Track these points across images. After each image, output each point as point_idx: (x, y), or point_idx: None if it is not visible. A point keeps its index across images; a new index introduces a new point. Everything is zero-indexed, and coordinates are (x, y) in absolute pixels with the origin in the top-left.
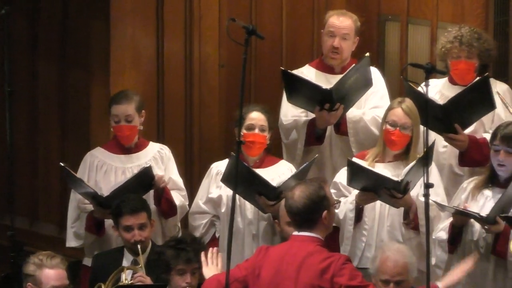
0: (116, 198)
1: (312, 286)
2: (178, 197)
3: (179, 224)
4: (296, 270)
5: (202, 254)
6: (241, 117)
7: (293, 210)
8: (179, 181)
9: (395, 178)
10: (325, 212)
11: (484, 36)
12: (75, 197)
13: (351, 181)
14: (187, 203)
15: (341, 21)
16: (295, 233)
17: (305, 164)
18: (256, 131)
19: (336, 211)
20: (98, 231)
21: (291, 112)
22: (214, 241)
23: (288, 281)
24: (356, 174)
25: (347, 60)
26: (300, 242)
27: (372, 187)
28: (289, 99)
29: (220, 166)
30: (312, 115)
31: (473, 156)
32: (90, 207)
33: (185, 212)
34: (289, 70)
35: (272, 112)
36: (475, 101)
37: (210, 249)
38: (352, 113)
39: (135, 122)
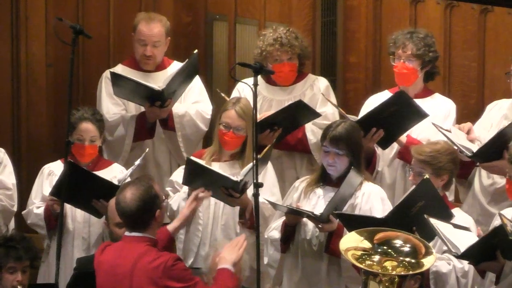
0: None
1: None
2: None
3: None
4: (128, 272)
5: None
6: (69, 115)
7: (126, 213)
8: (6, 180)
9: (234, 178)
10: (158, 211)
11: (299, 34)
12: None
13: (188, 179)
14: (14, 203)
15: (151, 29)
16: (127, 233)
17: (138, 161)
18: (86, 143)
19: (170, 202)
20: None
21: (112, 109)
22: None
23: (122, 284)
24: (194, 172)
25: (160, 60)
26: (131, 243)
27: (209, 185)
28: (117, 94)
29: (52, 167)
30: (132, 112)
31: (288, 141)
32: None
33: (8, 210)
34: (115, 71)
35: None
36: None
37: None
38: (177, 108)
39: None
